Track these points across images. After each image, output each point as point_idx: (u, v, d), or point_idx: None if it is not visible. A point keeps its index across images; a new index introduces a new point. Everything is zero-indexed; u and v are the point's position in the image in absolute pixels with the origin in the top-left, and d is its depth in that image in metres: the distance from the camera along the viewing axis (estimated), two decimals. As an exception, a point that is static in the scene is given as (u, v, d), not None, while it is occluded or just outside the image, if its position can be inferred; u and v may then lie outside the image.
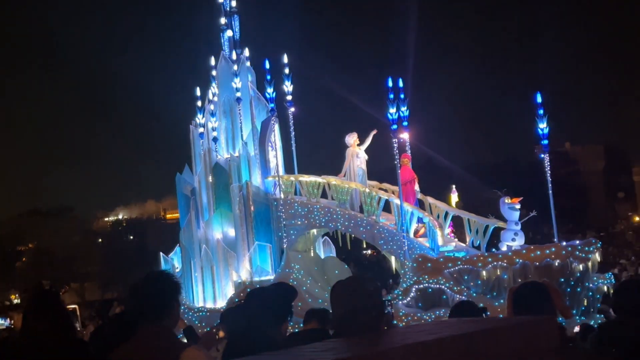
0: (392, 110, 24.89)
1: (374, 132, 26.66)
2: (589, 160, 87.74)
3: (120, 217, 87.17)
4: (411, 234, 24.65)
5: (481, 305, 11.42)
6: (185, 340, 8.35)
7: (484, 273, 22.37)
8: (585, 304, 22.73)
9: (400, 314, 22.91)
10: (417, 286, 23.14)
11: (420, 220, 25.01)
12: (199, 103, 28.81)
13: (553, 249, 22.06)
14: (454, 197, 28.55)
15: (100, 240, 73.75)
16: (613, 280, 23.93)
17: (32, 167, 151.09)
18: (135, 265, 57.56)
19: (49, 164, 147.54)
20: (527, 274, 21.75)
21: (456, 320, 4.15)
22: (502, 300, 21.47)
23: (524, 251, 22.40)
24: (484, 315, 7.87)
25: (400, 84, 26.65)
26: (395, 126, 25.02)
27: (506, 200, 23.37)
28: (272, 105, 27.23)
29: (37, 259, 62.93)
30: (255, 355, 3.42)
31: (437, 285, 22.86)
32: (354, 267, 43.55)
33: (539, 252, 22.05)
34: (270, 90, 27.04)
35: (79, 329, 28.92)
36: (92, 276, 68.23)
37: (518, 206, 23.40)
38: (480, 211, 26.08)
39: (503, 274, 22.10)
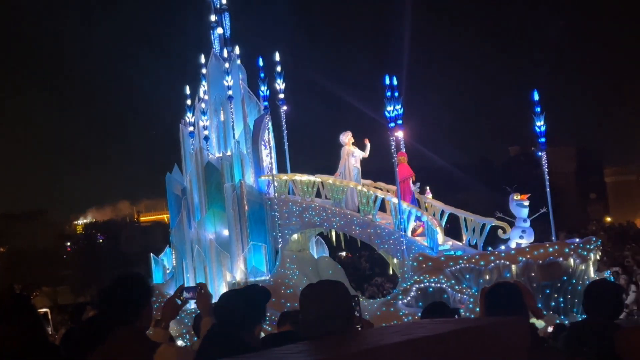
0: (390, 108, 24.67)
1: (368, 143, 26.33)
2: (561, 161, 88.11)
3: (93, 219, 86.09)
4: (409, 233, 24.40)
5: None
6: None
7: (487, 271, 22.17)
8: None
9: (401, 313, 22.68)
10: (417, 285, 22.89)
11: (418, 219, 24.79)
12: (189, 102, 28.41)
13: (556, 247, 21.92)
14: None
15: (72, 243, 72.85)
16: (612, 279, 23.83)
17: (5, 169, 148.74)
18: (109, 268, 56.96)
19: (23, 165, 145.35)
20: (530, 272, 21.62)
21: (429, 321, 4.17)
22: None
23: (527, 249, 22.23)
24: (456, 316, 7.94)
25: (394, 81, 26.52)
26: (392, 124, 24.81)
27: (515, 197, 23.20)
28: (266, 103, 26.87)
29: (9, 262, 62.09)
30: (227, 358, 3.51)
31: (438, 285, 22.62)
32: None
33: (542, 250, 21.87)
34: (264, 88, 26.66)
35: (50, 333, 28.37)
36: (65, 280, 67.50)
37: (527, 203, 23.21)
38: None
39: (506, 272, 21.91)
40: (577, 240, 23.80)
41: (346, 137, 26.16)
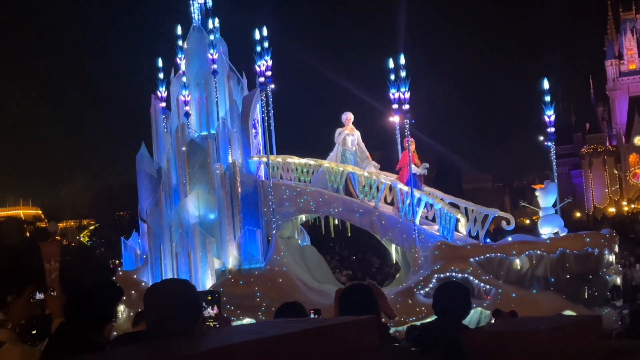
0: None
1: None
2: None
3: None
4: (417, 221, 23.33)
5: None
6: None
7: (518, 261, 21.41)
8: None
9: (423, 308, 21.47)
10: (438, 275, 21.77)
11: (430, 206, 23.85)
12: (162, 75, 26.18)
13: (592, 237, 21.47)
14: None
15: None
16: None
17: None
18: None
19: None
20: (565, 262, 21.04)
21: (281, 321, 4.21)
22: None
23: (563, 238, 21.69)
24: (315, 316, 8.05)
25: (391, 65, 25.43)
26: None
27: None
28: (262, 79, 24.93)
29: None
30: (72, 357, 3.60)
31: (462, 275, 21.60)
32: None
33: (578, 240, 21.36)
34: (260, 63, 24.74)
35: None
36: None
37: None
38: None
39: (539, 263, 21.22)
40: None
41: (345, 118, 24.88)
